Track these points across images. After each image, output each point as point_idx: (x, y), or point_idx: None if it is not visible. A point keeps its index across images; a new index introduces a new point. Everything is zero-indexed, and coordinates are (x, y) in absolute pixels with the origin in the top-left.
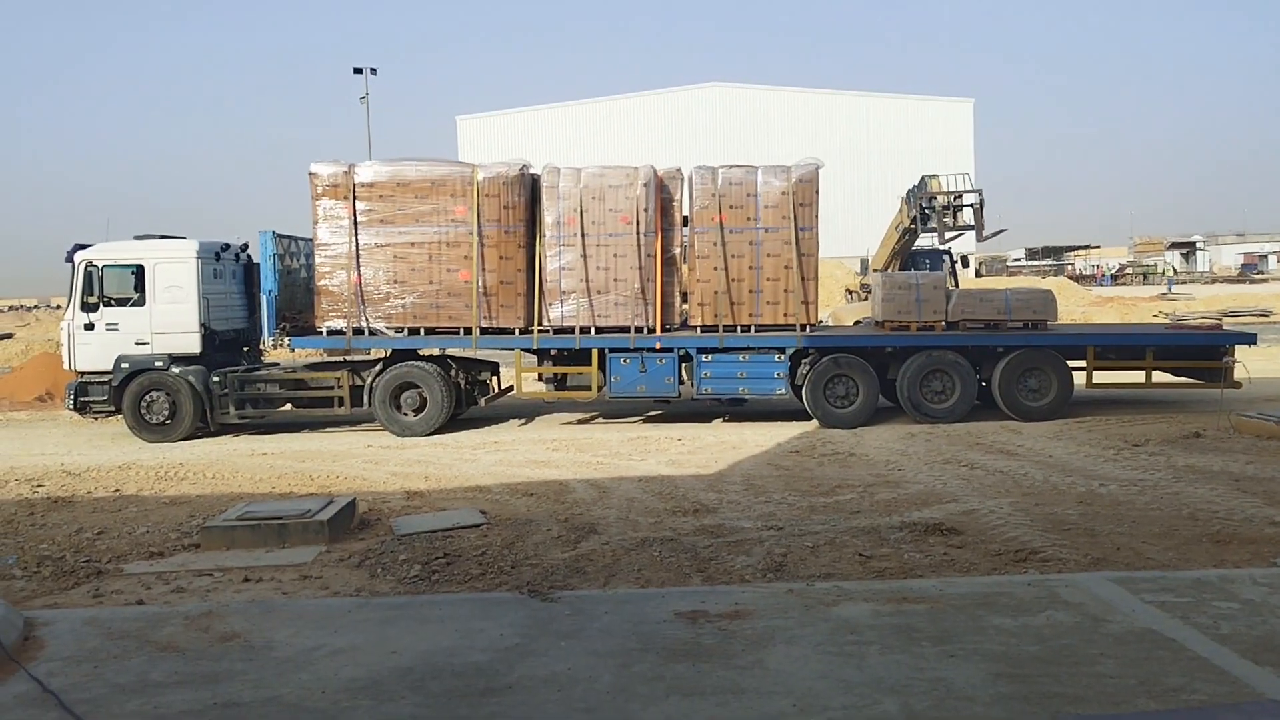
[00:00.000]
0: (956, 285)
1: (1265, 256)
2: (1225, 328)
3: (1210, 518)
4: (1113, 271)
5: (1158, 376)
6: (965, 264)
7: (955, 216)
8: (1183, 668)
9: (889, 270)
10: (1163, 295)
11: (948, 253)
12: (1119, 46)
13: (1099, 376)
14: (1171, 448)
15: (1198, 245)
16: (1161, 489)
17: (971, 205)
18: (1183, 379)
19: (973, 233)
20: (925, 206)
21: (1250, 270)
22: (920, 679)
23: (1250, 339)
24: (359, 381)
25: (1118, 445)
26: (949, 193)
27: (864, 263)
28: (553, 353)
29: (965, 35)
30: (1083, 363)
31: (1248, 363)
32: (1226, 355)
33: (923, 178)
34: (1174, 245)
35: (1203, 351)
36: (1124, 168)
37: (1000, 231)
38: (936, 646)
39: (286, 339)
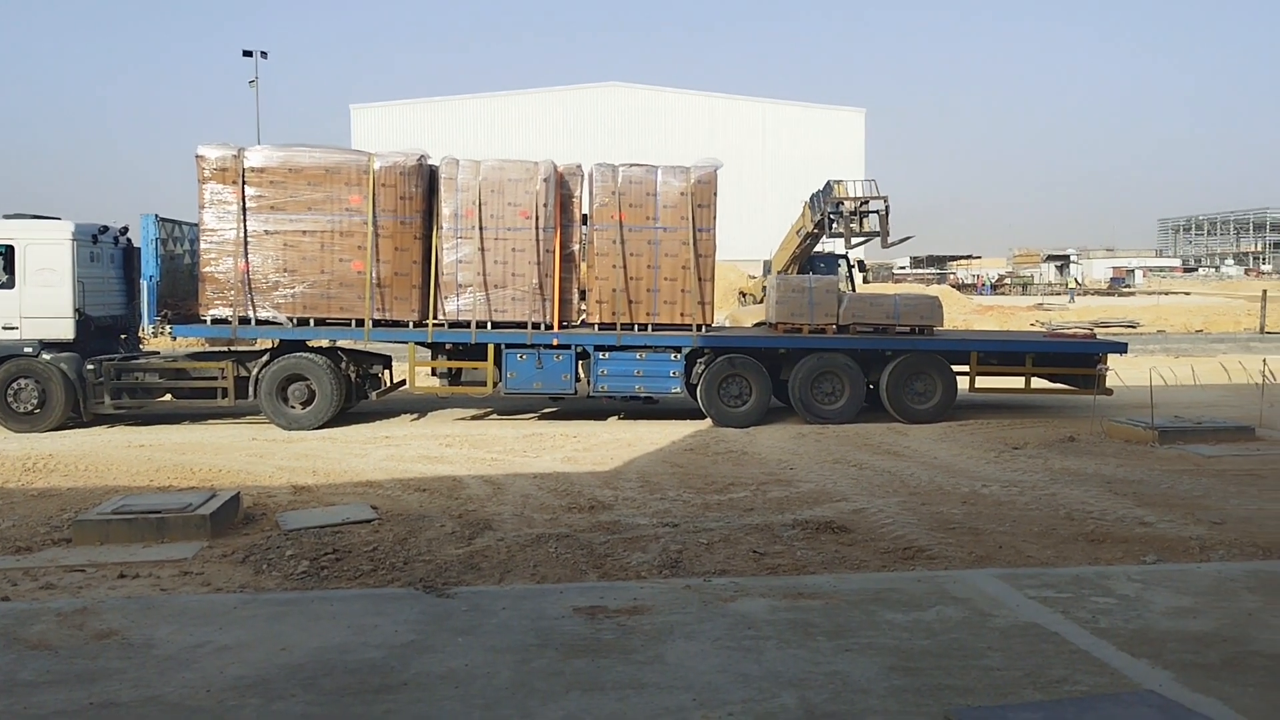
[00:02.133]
0: (854, 289)
1: (1132, 271)
2: (1098, 337)
3: (1085, 517)
4: (993, 281)
5: (1035, 382)
6: (862, 268)
7: (861, 222)
8: (1065, 660)
9: (788, 274)
10: (1039, 307)
11: (845, 257)
12: (999, 68)
13: (980, 381)
14: (1048, 451)
15: (1071, 258)
16: (1040, 490)
17: (877, 211)
18: (1059, 385)
19: (877, 239)
20: (832, 211)
21: (1119, 284)
22: (817, 672)
23: (1121, 348)
24: (244, 372)
25: (998, 448)
26: (856, 198)
27: (767, 265)
28: (447, 347)
29: (859, 48)
30: (966, 367)
31: (1118, 370)
32: (1100, 363)
33: (828, 182)
34: (1050, 258)
35: (1078, 359)
36: (1005, 182)
37: (907, 238)
38: (832, 641)
39: (168, 327)
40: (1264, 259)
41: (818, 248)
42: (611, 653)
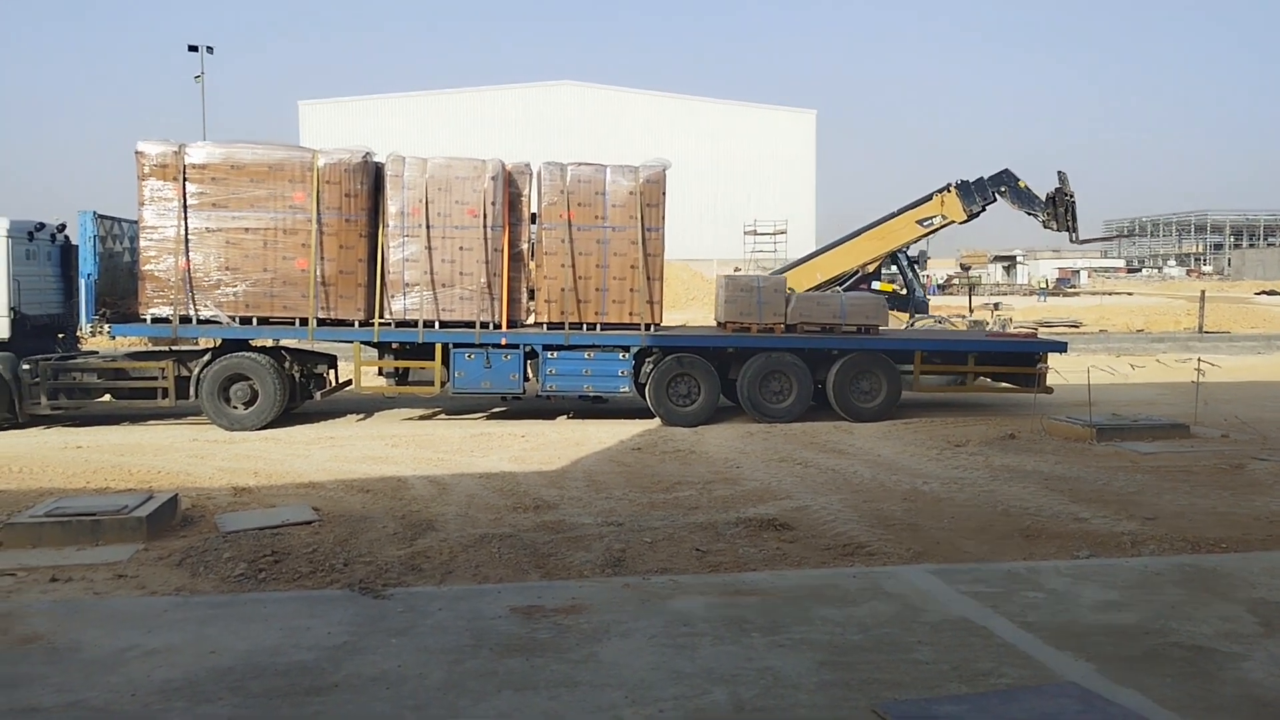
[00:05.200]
0: (917, 282)
1: (1078, 272)
2: (1040, 336)
3: (1022, 514)
4: (940, 282)
5: (978, 381)
6: (922, 261)
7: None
8: (992, 653)
9: (867, 269)
10: (985, 307)
11: (904, 251)
12: (948, 70)
13: (926, 379)
14: (989, 448)
15: (1018, 259)
16: (979, 487)
17: (1068, 206)
18: (1001, 384)
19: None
20: (1068, 199)
21: (1064, 284)
22: (749, 668)
23: (1061, 347)
24: (185, 372)
25: (940, 446)
26: (1068, 192)
27: (923, 257)
28: (394, 346)
29: (811, 49)
30: (911, 366)
31: (1060, 369)
32: (1040, 362)
33: (1006, 170)
34: (997, 259)
35: (1019, 358)
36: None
37: (1114, 237)
38: (766, 637)
39: (106, 326)
40: (1205, 260)
41: None
42: (546, 652)
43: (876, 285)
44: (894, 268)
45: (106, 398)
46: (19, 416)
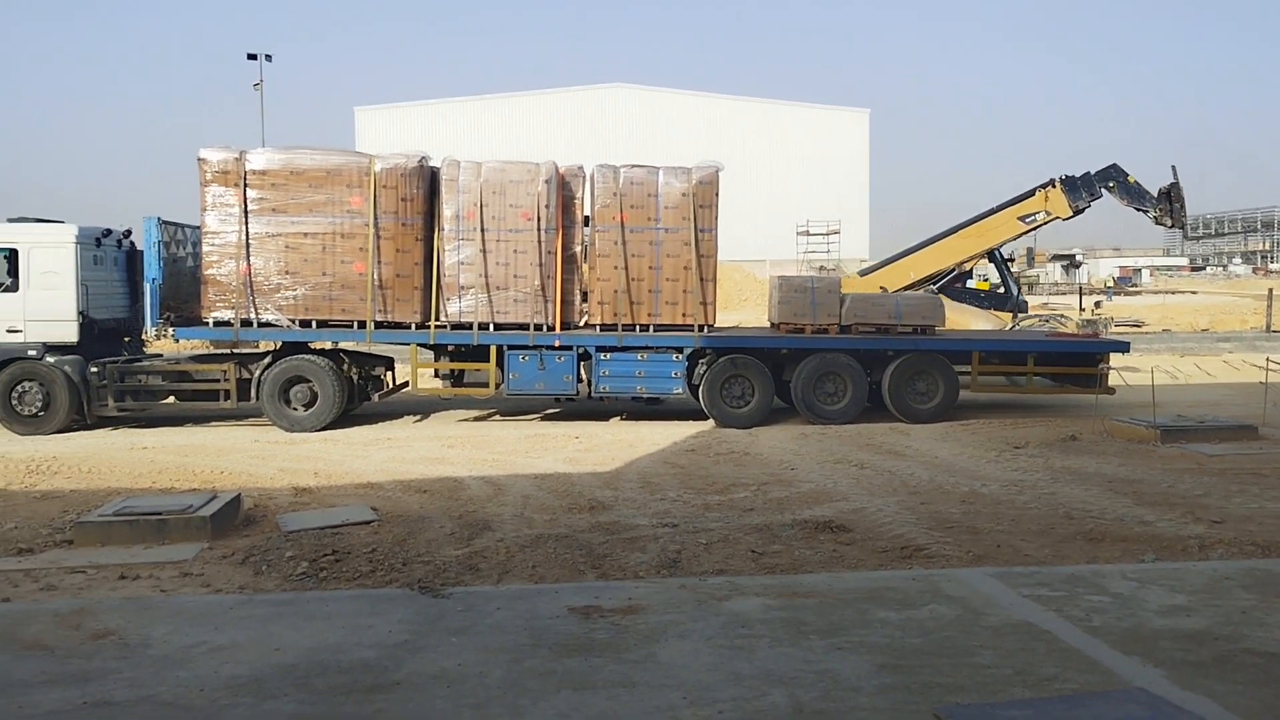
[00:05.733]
0: (1011, 283)
1: (1139, 270)
2: (1101, 336)
3: (1084, 516)
4: (997, 281)
5: (1037, 382)
6: (1030, 260)
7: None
8: (1056, 658)
9: (966, 266)
10: (1045, 306)
11: (997, 250)
12: (1005, 67)
13: (982, 380)
14: (1050, 450)
15: (1077, 258)
16: (1040, 489)
17: (1182, 202)
18: (1061, 384)
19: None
20: (1179, 195)
21: (1125, 283)
22: (808, 671)
23: (1124, 347)
24: (247, 374)
25: (999, 447)
26: (1178, 185)
27: (1030, 254)
28: (450, 348)
29: (864, 48)
30: (968, 367)
31: (1122, 370)
32: (1102, 362)
33: (1114, 165)
34: (1056, 257)
35: (1080, 358)
36: (1012, 183)
37: (1221, 234)
38: (824, 639)
39: (170, 330)
40: (1272, 258)
41: None
42: (604, 652)
43: (972, 284)
44: (991, 265)
45: (170, 400)
46: (87, 418)
